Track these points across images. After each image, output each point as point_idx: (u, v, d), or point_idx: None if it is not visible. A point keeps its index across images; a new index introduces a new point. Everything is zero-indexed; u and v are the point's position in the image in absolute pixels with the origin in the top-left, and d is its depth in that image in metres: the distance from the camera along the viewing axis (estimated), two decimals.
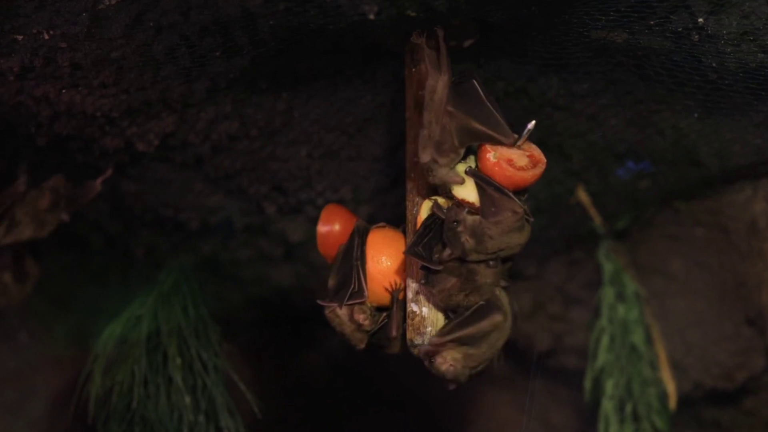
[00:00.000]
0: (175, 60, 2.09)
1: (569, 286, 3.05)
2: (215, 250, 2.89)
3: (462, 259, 1.93)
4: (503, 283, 2.01)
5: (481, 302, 1.96)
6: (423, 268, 2.00)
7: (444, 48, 1.98)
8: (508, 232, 1.94)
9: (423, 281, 2.00)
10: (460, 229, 1.92)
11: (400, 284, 2.10)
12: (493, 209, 1.93)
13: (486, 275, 1.95)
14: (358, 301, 2.10)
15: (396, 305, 2.10)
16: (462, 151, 1.96)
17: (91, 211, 2.73)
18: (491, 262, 1.94)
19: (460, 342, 1.95)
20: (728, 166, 2.56)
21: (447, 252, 1.92)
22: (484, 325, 1.95)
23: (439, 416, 3.37)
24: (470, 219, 1.93)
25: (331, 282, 2.16)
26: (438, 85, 1.96)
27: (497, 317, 1.96)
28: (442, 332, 1.97)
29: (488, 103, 1.97)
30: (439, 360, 1.96)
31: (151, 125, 2.34)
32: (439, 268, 1.94)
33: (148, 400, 2.53)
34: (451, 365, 1.96)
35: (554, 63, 2.23)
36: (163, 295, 2.67)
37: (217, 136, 2.43)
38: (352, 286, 2.11)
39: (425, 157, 1.94)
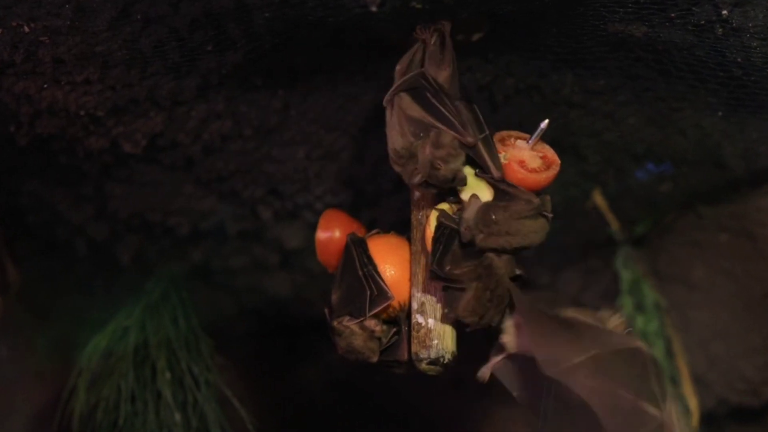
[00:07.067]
0: (163, 55, 2.10)
1: (585, 296, 3.05)
2: (207, 257, 2.89)
3: (476, 256, 1.94)
4: (518, 271, 2.00)
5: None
6: (445, 289, 2.00)
7: (450, 42, 1.98)
8: (518, 219, 1.93)
9: (447, 311, 2.01)
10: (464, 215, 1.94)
11: (406, 304, 2.09)
12: (506, 197, 1.95)
13: (500, 265, 1.95)
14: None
15: (405, 325, 2.09)
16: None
17: (74, 216, 2.73)
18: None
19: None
20: (754, 167, 2.56)
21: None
22: None
23: None
24: (478, 203, 1.93)
25: (334, 297, 2.14)
26: (438, 79, 1.96)
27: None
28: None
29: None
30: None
31: (138, 124, 2.35)
32: (461, 286, 1.94)
33: (136, 417, 2.53)
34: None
35: (568, 58, 2.23)
36: (151, 305, 2.67)
37: (208, 136, 2.43)
38: (369, 291, 2.09)
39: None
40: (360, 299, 2.09)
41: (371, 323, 2.09)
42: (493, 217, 1.92)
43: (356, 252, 2.12)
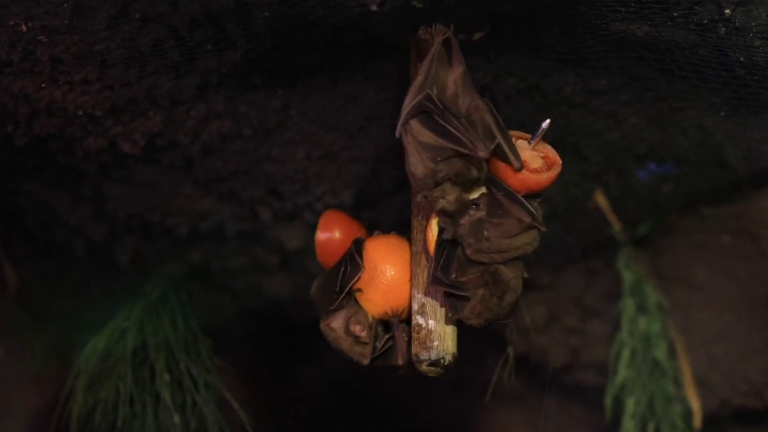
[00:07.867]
0: (162, 54, 2.09)
1: (586, 297, 3.05)
2: (206, 258, 2.89)
3: (481, 264, 1.93)
4: (525, 275, 2.00)
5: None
6: (447, 295, 1.99)
7: (455, 41, 1.97)
8: (509, 237, 1.93)
9: (451, 314, 1.99)
10: (471, 212, 1.93)
11: (402, 308, 2.09)
12: (499, 212, 1.93)
13: (506, 271, 1.94)
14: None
15: (399, 330, 2.09)
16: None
17: (73, 216, 2.73)
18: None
19: None
20: (757, 168, 2.56)
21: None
22: None
23: None
24: (476, 213, 1.93)
25: (313, 290, 2.16)
26: (449, 80, 1.96)
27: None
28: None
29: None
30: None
31: (137, 124, 2.34)
32: (467, 293, 1.94)
33: (134, 419, 2.53)
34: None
35: (570, 58, 2.22)
36: (149, 307, 2.67)
37: (207, 136, 2.42)
38: (343, 269, 2.10)
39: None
40: (334, 283, 2.11)
41: (356, 329, 2.10)
42: (485, 233, 1.92)
43: (351, 251, 2.13)
